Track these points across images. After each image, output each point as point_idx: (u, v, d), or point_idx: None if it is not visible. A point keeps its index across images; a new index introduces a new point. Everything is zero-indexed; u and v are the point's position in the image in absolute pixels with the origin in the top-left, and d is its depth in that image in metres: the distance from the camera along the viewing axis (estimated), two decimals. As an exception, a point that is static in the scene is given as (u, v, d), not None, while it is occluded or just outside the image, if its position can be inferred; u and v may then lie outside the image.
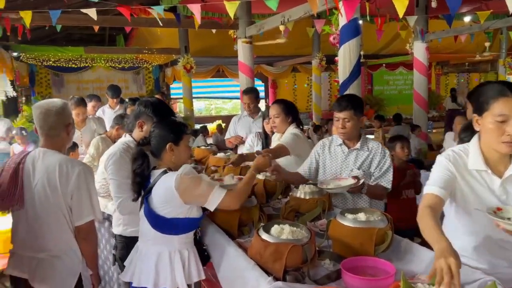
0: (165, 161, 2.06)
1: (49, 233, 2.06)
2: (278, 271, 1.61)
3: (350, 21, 3.83)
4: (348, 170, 2.54)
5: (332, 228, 1.87)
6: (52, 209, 2.04)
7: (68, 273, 2.09)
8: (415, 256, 1.81)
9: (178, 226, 1.97)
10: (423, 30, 7.13)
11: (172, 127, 2.08)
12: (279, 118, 3.20)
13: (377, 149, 2.53)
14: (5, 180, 2.03)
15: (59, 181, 2.01)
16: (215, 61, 11.64)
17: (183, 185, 1.90)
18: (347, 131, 2.51)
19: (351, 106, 2.47)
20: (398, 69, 14.44)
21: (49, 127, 2.09)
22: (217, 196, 1.92)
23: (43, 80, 10.50)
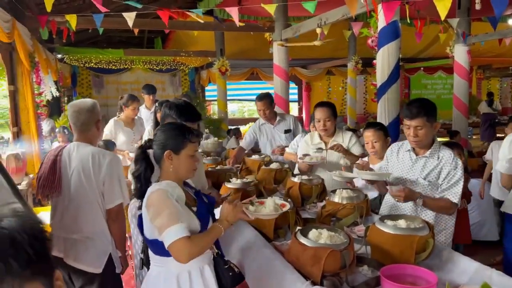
0: (163, 170, 1.82)
1: (83, 216, 2.29)
2: (316, 276, 1.60)
3: (389, 24, 3.76)
4: (414, 178, 2.38)
5: (371, 234, 1.84)
6: (86, 194, 2.28)
7: (99, 252, 2.31)
8: (457, 266, 1.76)
9: (161, 248, 1.67)
10: (465, 33, 6.89)
11: (175, 132, 1.81)
12: (330, 122, 3.19)
13: (448, 159, 2.31)
14: (45, 171, 2.29)
15: (93, 169, 2.26)
16: (250, 64, 11.70)
17: (150, 202, 1.69)
18: (420, 139, 2.31)
19: (424, 112, 2.27)
20: (437, 72, 14.01)
21: (81, 123, 2.35)
22: (172, 235, 1.59)
23: (84, 81, 10.89)
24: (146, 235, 1.76)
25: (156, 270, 1.79)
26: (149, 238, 1.74)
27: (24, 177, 4.88)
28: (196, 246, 1.62)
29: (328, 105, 3.27)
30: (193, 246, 1.61)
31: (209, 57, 9.75)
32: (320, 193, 2.75)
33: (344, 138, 3.28)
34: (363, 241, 1.91)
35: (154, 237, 1.70)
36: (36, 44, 5.69)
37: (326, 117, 3.18)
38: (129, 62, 10.66)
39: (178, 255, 1.61)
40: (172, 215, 1.62)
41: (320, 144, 3.29)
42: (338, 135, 3.30)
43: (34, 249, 0.72)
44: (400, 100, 4.14)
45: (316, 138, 3.33)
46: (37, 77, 5.97)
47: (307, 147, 3.34)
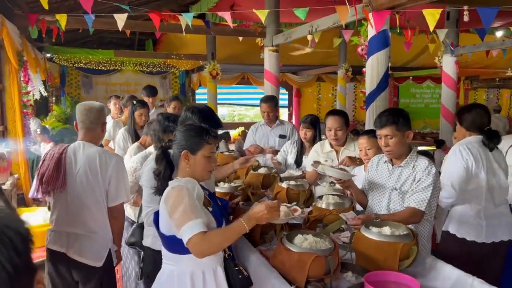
0: (180, 170, 1.85)
1: (87, 212, 2.41)
2: (300, 281, 1.61)
3: (379, 33, 3.80)
4: (390, 188, 2.32)
5: (356, 240, 1.85)
6: (92, 191, 2.40)
7: (101, 246, 2.45)
8: (440, 273, 1.78)
9: (178, 245, 1.68)
10: (453, 44, 7.01)
11: (192, 133, 1.84)
12: (341, 131, 3.08)
13: (422, 167, 2.24)
14: (50, 168, 2.38)
15: (100, 169, 2.39)
16: (241, 69, 11.71)
17: (168, 198, 1.70)
18: (391, 149, 2.25)
19: (392, 120, 2.22)
20: (425, 82, 14.17)
21: (90, 121, 2.47)
22: (189, 230, 1.59)
23: (73, 81, 10.79)
24: (163, 231, 1.75)
25: (168, 268, 1.78)
26: (166, 234, 1.73)
27: (9, 177, 4.81)
28: (210, 241, 1.59)
29: (340, 113, 3.15)
30: (210, 241, 1.59)
31: (200, 60, 9.75)
32: (307, 198, 2.76)
33: (355, 147, 3.12)
34: (348, 247, 1.93)
35: (171, 233, 1.70)
36: (25, 43, 5.63)
37: (338, 126, 3.06)
38: (119, 64, 10.59)
39: (195, 250, 1.60)
40: (190, 211, 1.63)
41: (331, 153, 3.17)
42: (349, 144, 3.17)
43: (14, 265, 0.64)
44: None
45: (327, 147, 3.22)
46: (25, 76, 5.91)
47: (317, 156, 3.21)
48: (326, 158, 3.14)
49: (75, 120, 2.52)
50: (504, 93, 16.10)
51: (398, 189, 2.29)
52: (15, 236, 0.67)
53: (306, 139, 3.60)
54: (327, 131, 3.14)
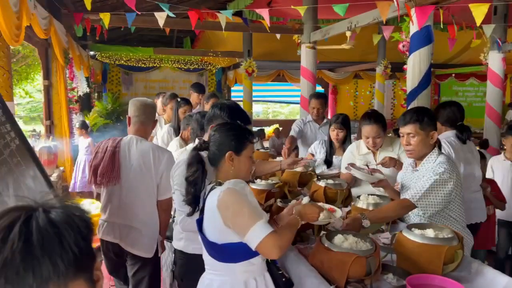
0: (222, 171, 1.75)
1: (140, 205, 2.51)
2: (340, 281, 1.59)
3: (422, 29, 3.68)
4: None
5: (398, 242, 1.81)
6: (145, 185, 2.49)
7: (152, 238, 2.55)
8: (487, 279, 1.70)
9: (233, 253, 1.63)
10: (501, 40, 6.68)
11: (236, 133, 1.76)
12: (380, 138, 2.86)
13: (434, 167, 2.14)
14: (105, 160, 2.47)
15: (153, 163, 2.47)
16: (277, 66, 11.69)
17: (224, 204, 1.58)
18: (413, 149, 2.17)
19: (416, 118, 2.14)
20: (469, 80, 13.63)
21: (146, 117, 2.58)
22: (258, 233, 1.52)
23: (114, 78, 11.14)
24: (214, 240, 1.64)
25: (219, 280, 1.68)
26: (219, 243, 1.62)
27: (55, 169, 5.04)
28: (285, 237, 1.57)
29: (377, 120, 2.85)
30: (282, 239, 1.55)
31: (237, 57, 9.81)
32: (345, 198, 2.71)
33: (393, 147, 2.97)
34: (389, 248, 1.89)
35: (226, 241, 1.61)
36: (70, 41, 5.87)
37: (375, 135, 2.84)
38: (158, 61, 10.83)
39: (269, 252, 1.54)
40: (252, 213, 1.56)
41: (368, 155, 3.01)
42: (386, 143, 2.98)
43: (80, 247, 0.70)
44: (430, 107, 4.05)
45: (363, 149, 3.04)
46: (70, 72, 6.16)
47: (352, 157, 3.07)
48: (363, 160, 3.01)
49: (128, 115, 2.60)
50: (554, 92, 15.21)
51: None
52: (80, 222, 0.73)
53: (338, 140, 3.47)
54: (364, 137, 2.93)
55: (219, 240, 1.63)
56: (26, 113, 14.85)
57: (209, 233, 1.66)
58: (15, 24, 3.07)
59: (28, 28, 3.84)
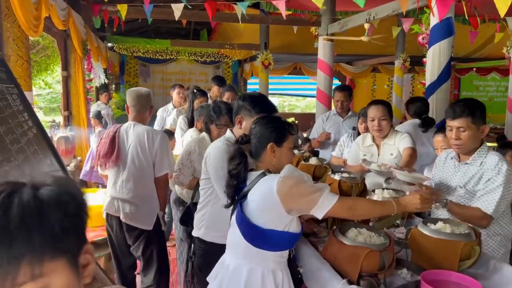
0: (264, 163, 1.80)
1: (139, 182, 2.78)
2: (353, 275, 1.57)
3: (442, 21, 3.59)
4: (454, 187, 2.17)
5: (413, 237, 1.78)
6: (142, 163, 2.76)
7: (151, 212, 2.82)
8: (505, 277, 1.66)
9: (274, 240, 1.66)
10: (525, 33, 6.48)
11: (276, 125, 1.81)
12: (385, 121, 2.90)
13: (490, 165, 2.04)
14: (106, 144, 2.77)
15: (147, 143, 2.75)
16: (293, 58, 11.60)
17: (286, 189, 1.61)
18: (462, 143, 2.07)
19: (468, 112, 2.03)
20: (490, 74, 13.27)
21: (141, 105, 2.85)
22: (328, 201, 1.59)
23: (131, 70, 11.24)
24: (259, 223, 1.65)
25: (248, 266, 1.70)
26: (263, 227, 1.65)
27: (73, 159, 5.12)
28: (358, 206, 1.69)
29: (384, 103, 2.99)
30: (355, 206, 1.67)
31: (253, 50, 9.77)
32: (360, 192, 2.68)
33: (395, 141, 2.96)
34: (404, 243, 1.86)
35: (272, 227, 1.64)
36: (89, 32, 5.92)
37: (381, 116, 2.88)
38: (175, 53, 10.87)
39: (341, 213, 1.66)
40: (318, 186, 1.65)
41: (372, 147, 3.03)
42: (390, 137, 2.98)
43: (63, 226, 0.67)
44: (449, 101, 3.97)
45: (368, 140, 3.07)
46: (88, 64, 6.23)
47: (357, 149, 3.10)
48: (366, 152, 3.01)
49: (126, 104, 2.89)
50: None
51: (463, 187, 2.11)
52: (71, 201, 0.70)
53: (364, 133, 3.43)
54: (369, 121, 2.96)
55: (265, 225, 1.65)
56: (46, 103, 15.13)
57: (255, 216, 1.67)
58: (34, 15, 3.11)
59: (47, 19, 3.88)
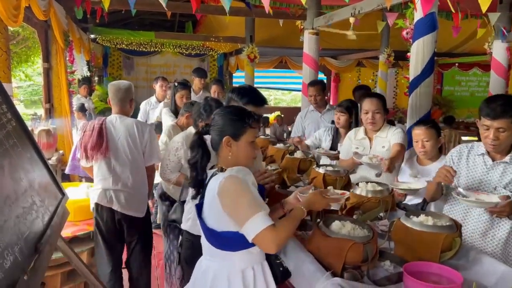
0: (221, 157, 1.71)
1: (132, 172, 2.89)
2: (337, 268, 1.58)
3: (426, 16, 3.62)
4: (490, 187, 2.06)
5: (396, 229, 1.80)
6: (134, 154, 2.89)
7: (142, 200, 2.98)
8: (485, 267, 1.70)
9: (232, 242, 1.60)
10: (506, 29, 6.60)
11: (234, 117, 1.68)
12: (379, 114, 2.91)
13: None
14: (93, 137, 2.80)
15: (137, 134, 2.87)
16: (279, 52, 11.58)
17: (225, 191, 1.56)
18: (500, 143, 1.96)
19: (511, 112, 1.89)
20: (472, 69, 13.51)
21: (119, 99, 2.93)
22: (256, 226, 1.49)
23: (115, 62, 11.06)
24: (213, 227, 1.62)
25: (215, 266, 1.66)
26: (218, 230, 1.60)
27: (55, 152, 5.03)
28: (284, 232, 1.53)
29: (378, 96, 3.01)
30: (281, 233, 1.51)
31: (239, 43, 9.72)
32: (344, 185, 2.70)
33: (388, 133, 2.98)
34: (387, 236, 1.88)
35: (225, 228, 1.59)
36: (70, 23, 5.80)
37: (376, 109, 2.90)
38: (160, 45, 10.73)
39: (267, 245, 1.51)
40: (253, 204, 1.52)
41: (364, 141, 3.05)
42: (383, 130, 3.00)
43: None
44: (432, 96, 4.01)
45: (360, 134, 3.09)
46: (70, 55, 6.11)
47: (350, 143, 3.12)
48: (358, 145, 3.03)
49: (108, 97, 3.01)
50: (558, 83, 15.11)
51: (504, 187, 2.01)
52: None
53: (340, 125, 3.48)
54: (363, 114, 2.97)
55: (218, 228, 1.60)
56: (26, 96, 14.81)
57: (208, 219, 1.63)
58: (13, 5, 3.03)
59: (27, 9, 3.78)
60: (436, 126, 2.70)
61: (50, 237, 1.86)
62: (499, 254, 2.02)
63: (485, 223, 2.06)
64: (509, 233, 2.02)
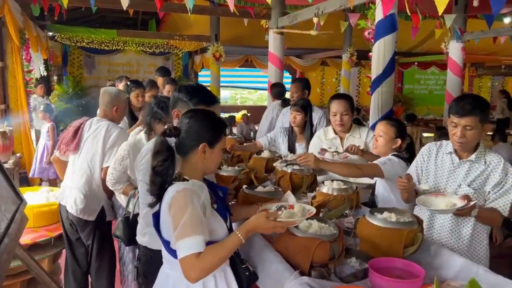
0: (190, 163, 1.64)
1: (87, 173, 2.86)
2: (305, 266, 1.60)
3: (386, 17, 3.72)
4: (455, 185, 2.11)
5: (361, 226, 1.84)
6: (93, 156, 2.86)
7: (98, 200, 2.90)
8: (445, 261, 1.77)
9: None
10: (461, 30, 6.90)
11: (212, 124, 1.65)
12: (347, 116, 2.91)
13: (497, 164, 2.03)
14: (69, 133, 2.93)
15: (103, 137, 2.84)
16: (245, 51, 11.60)
17: (173, 206, 1.51)
18: (467, 141, 2.00)
19: (478, 110, 1.94)
20: (430, 68, 14.07)
21: (103, 104, 2.98)
22: (184, 248, 1.45)
23: (75, 60, 10.71)
24: (165, 236, 1.59)
25: (175, 275, 1.61)
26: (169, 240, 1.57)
27: (11, 155, 4.80)
28: (207, 263, 1.45)
29: (346, 97, 3.00)
30: (204, 263, 1.45)
31: (204, 42, 9.65)
32: (310, 183, 2.74)
33: (361, 134, 3.02)
34: (352, 233, 1.92)
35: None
36: (26, 20, 5.56)
37: (344, 111, 2.90)
38: (122, 44, 10.49)
39: (186, 272, 1.46)
40: (189, 224, 1.46)
41: (335, 140, 3.07)
42: (354, 130, 3.03)
43: None
44: (393, 95, 4.13)
45: (330, 133, 3.08)
46: (26, 54, 5.86)
47: (320, 143, 3.09)
48: (330, 145, 3.04)
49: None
50: (509, 81, 15.98)
51: (468, 185, 2.07)
52: None
53: (295, 124, 3.45)
54: (331, 116, 3.00)
55: (168, 238, 1.56)
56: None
57: (162, 229, 1.59)
58: (-37, 0, 2.87)
59: (-21, 5, 3.59)
60: (396, 125, 2.64)
61: (7, 246, 1.77)
62: (465, 251, 2.10)
63: (451, 221, 2.13)
64: (473, 230, 2.10)
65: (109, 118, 2.97)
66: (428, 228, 2.20)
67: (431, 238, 2.16)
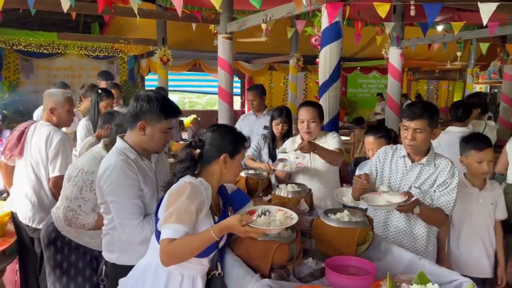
0: (210, 171, 1.77)
1: (32, 179, 2.83)
2: (265, 269, 1.64)
3: (332, 24, 3.88)
4: (407, 187, 2.21)
5: (316, 227, 1.92)
6: (37, 163, 2.81)
7: (43, 208, 2.84)
8: (394, 256, 1.88)
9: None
10: (399, 37, 7.32)
11: (233, 137, 1.81)
12: (315, 123, 2.86)
13: (445, 167, 2.16)
14: (14, 137, 2.89)
15: (45, 143, 2.79)
16: (193, 55, 11.50)
17: (174, 192, 1.67)
18: (417, 144, 2.13)
19: (427, 114, 2.09)
20: (371, 73, 14.77)
21: (43, 105, 2.97)
22: (166, 232, 1.57)
23: (11, 64, 10.08)
24: (159, 215, 1.71)
25: (148, 259, 1.74)
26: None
27: None
28: (176, 250, 1.55)
29: (314, 105, 2.95)
30: (174, 249, 1.55)
31: (150, 45, 9.45)
32: (266, 187, 2.79)
33: (326, 139, 2.97)
34: (308, 234, 1.99)
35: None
36: (-44, 22, 5.16)
37: (311, 118, 2.84)
38: (63, 47, 10.00)
39: (160, 254, 1.59)
40: (178, 213, 1.59)
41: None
42: (320, 138, 2.96)
43: None
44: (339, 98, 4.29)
45: (298, 141, 2.91)
46: (-43, 58, 5.44)
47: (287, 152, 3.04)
48: (298, 155, 2.94)
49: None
50: (442, 85, 17.14)
51: (418, 187, 2.19)
52: None
53: (283, 133, 3.36)
54: (299, 123, 2.90)
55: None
56: None
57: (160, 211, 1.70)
58: None
59: None
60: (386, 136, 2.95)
61: None
62: (422, 252, 2.21)
63: (404, 222, 2.24)
64: (429, 232, 2.23)
65: (53, 122, 2.90)
66: (383, 230, 2.30)
67: (387, 239, 2.22)
